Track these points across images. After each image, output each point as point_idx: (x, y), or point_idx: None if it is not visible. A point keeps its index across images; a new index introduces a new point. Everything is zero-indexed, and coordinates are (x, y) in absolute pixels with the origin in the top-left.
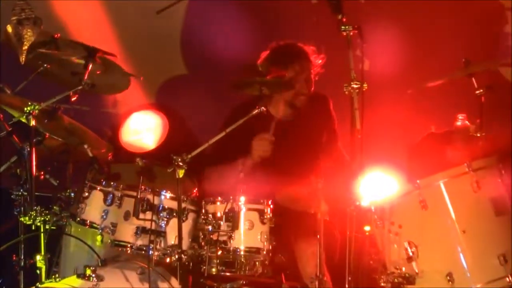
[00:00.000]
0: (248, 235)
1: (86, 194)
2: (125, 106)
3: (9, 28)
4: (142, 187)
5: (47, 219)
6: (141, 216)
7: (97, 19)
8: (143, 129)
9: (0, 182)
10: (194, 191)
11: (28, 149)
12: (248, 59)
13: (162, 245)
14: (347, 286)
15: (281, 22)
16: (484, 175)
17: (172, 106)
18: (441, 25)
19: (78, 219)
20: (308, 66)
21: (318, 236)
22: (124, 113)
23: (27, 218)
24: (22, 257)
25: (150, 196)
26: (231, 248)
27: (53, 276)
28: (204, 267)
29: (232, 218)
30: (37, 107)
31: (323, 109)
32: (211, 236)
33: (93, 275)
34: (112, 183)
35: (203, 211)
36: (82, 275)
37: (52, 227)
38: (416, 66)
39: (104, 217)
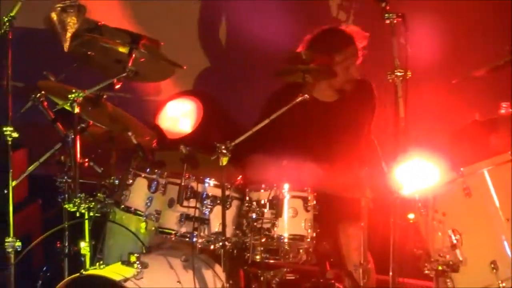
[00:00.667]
0: (292, 222)
1: (131, 181)
2: (167, 94)
3: (53, 15)
4: (186, 174)
5: (91, 206)
6: (185, 203)
7: (136, 7)
8: (178, 115)
9: (44, 170)
10: (238, 178)
11: (72, 137)
12: (286, 46)
13: (206, 232)
14: (391, 273)
15: (320, 10)
16: None
17: (211, 93)
18: (484, 12)
19: (122, 206)
20: (354, 51)
21: (362, 224)
22: (163, 100)
23: (71, 205)
24: (67, 244)
25: (194, 184)
26: (275, 236)
27: (97, 263)
28: (248, 255)
29: (276, 205)
30: (81, 94)
31: (367, 95)
32: (255, 223)
33: (137, 262)
34: (156, 170)
35: (247, 198)
36: (126, 262)
37: (97, 214)
38: (459, 53)
39: (148, 204)
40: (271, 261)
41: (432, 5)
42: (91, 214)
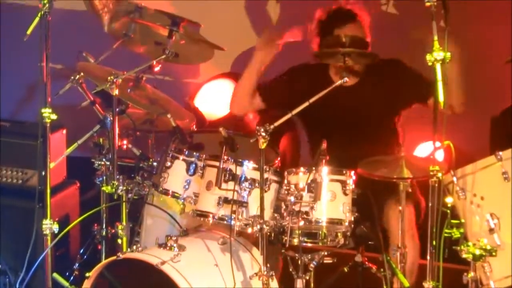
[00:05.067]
0: (330, 206)
1: (169, 163)
2: (206, 76)
3: None
4: (225, 157)
5: (129, 188)
6: (224, 186)
7: None
8: (214, 97)
9: (83, 152)
10: (277, 161)
11: (111, 119)
12: None
13: (244, 215)
14: (428, 257)
15: None
16: None
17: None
18: None
19: (160, 188)
20: (355, 30)
21: (400, 208)
22: (202, 83)
23: (109, 187)
24: (104, 227)
25: (232, 166)
26: (313, 219)
27: (135, 246)
28: (286, 238)
29: (314, 189)
30: (120, 76)
31: (395, 74)
32: (293, 206)
33: (175, 245)
34: (194, 153)
35: (286, 181)
36: (163, 245)
37: (134, 197)
38: (498, 36)
39: (186, 187)
40: (309, 244)
41: None
42: (129, 196)
